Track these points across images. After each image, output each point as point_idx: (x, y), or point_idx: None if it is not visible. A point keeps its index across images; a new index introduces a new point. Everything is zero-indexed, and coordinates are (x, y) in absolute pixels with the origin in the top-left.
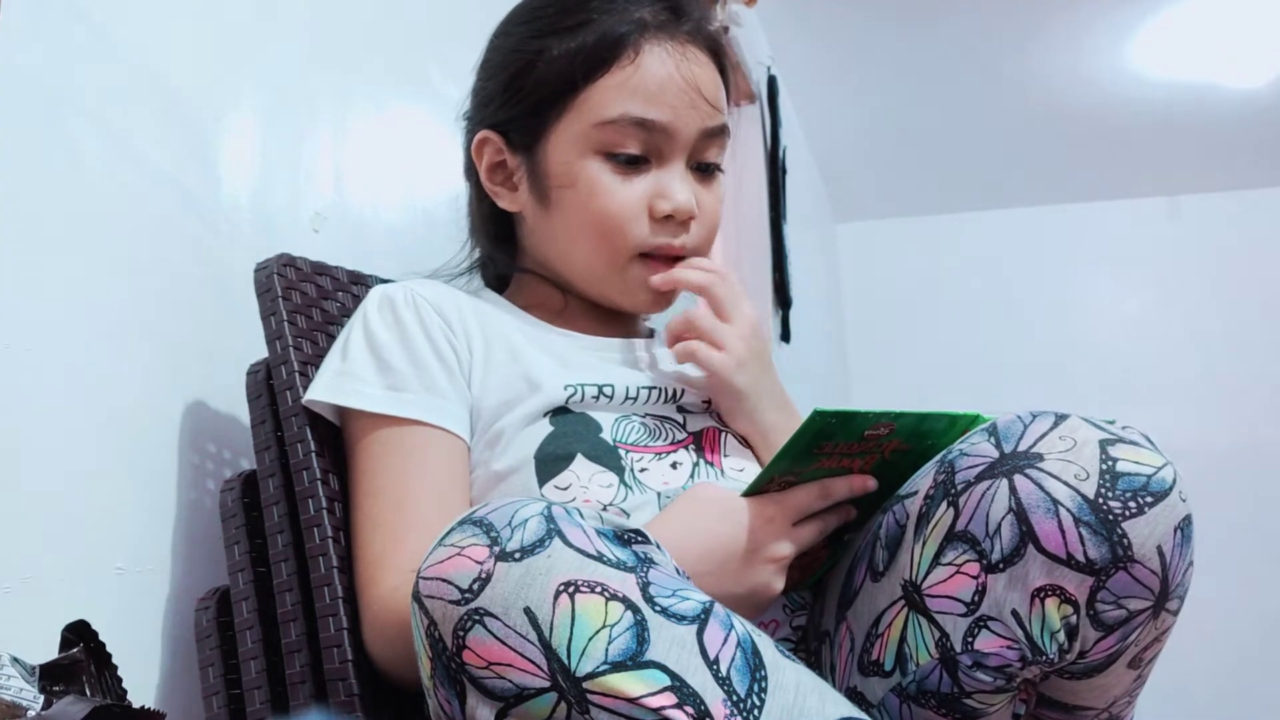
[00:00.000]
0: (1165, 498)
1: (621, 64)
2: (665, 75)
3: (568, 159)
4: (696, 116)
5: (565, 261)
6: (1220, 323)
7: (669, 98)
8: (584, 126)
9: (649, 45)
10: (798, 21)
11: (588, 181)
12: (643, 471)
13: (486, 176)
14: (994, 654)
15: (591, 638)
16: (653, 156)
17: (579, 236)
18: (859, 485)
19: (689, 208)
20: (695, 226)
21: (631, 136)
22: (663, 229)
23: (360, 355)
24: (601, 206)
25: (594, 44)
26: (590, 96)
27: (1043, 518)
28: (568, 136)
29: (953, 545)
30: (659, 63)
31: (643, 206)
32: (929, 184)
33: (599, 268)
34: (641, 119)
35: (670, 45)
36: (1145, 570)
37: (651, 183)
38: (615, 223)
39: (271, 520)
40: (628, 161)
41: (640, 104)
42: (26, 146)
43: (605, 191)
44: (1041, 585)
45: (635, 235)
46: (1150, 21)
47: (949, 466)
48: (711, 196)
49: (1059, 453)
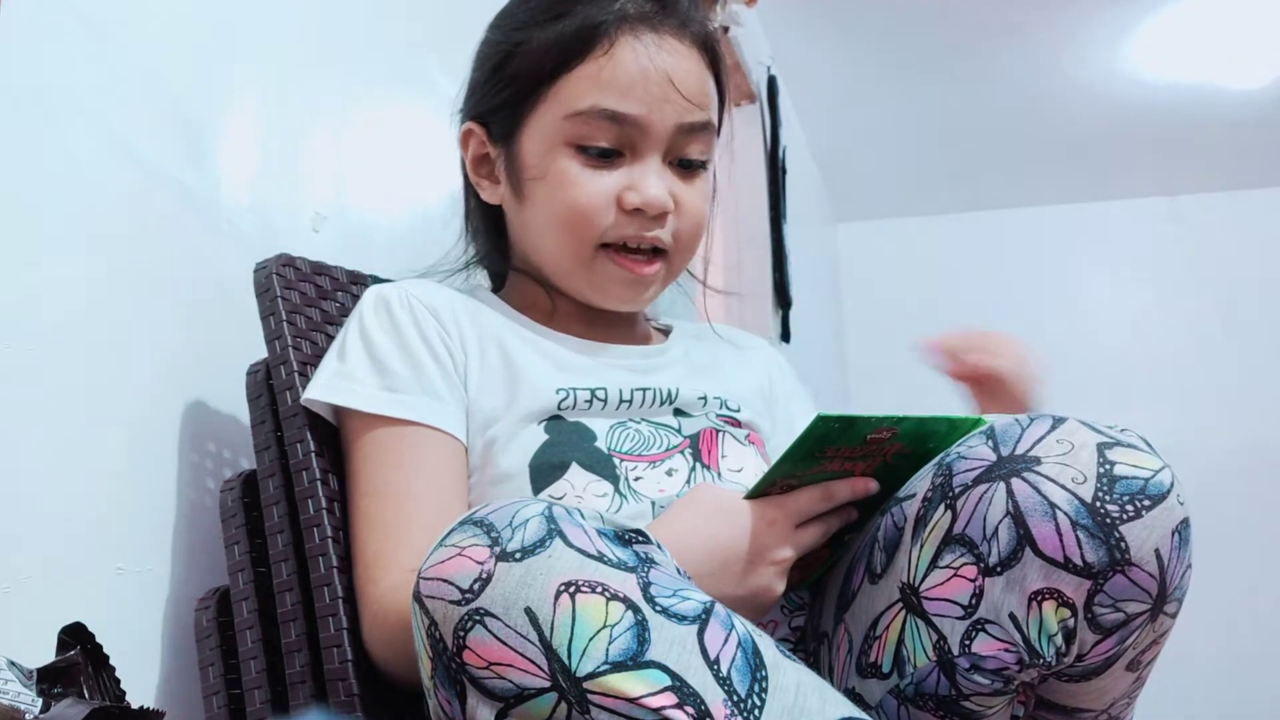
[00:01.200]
0: (1163, 501)
1: (595, 55)
2: (638, 68)
3: (539, 151)
4: (672, 111)
5: (539, 255)
6: (1220, 323)
7: (641, 90)
8: (555, 118)
9: (625, 37)
10: (798, 21)
11: (557, 174)
12: (637, 480)
13: (472, 168)
14: (991, 657)
15: (592, 638)
16: (626, 150)
17: (547, 229)
18: (861, 488)
19: (660, 202)
20: (674, 222)
21: (602, 129)
22: (631, 221)
23: (357, 356)
24: (569, 198)
25: (571, 34)
26: (563, 88)
27: (1040, 521)
28: (540, 128)
29: (950, 548)
30: (633, 55)
31: (611, 199)
32: (929, 184)
33: (566, 261)
34: (612, 111)
35: (649, 37)
36: (1143, 573)
37: (623, 176)
38: (582, 214)
39: (271, 520)
40: (599, 155)
41: (612, 96)
42: (26, 146)
43: (573, 183)
44: (1039, 589)
45: (600, 226)
46: (1150, 22)
47: (946, 469)
48: (694, 193)
49: (1056, 456)
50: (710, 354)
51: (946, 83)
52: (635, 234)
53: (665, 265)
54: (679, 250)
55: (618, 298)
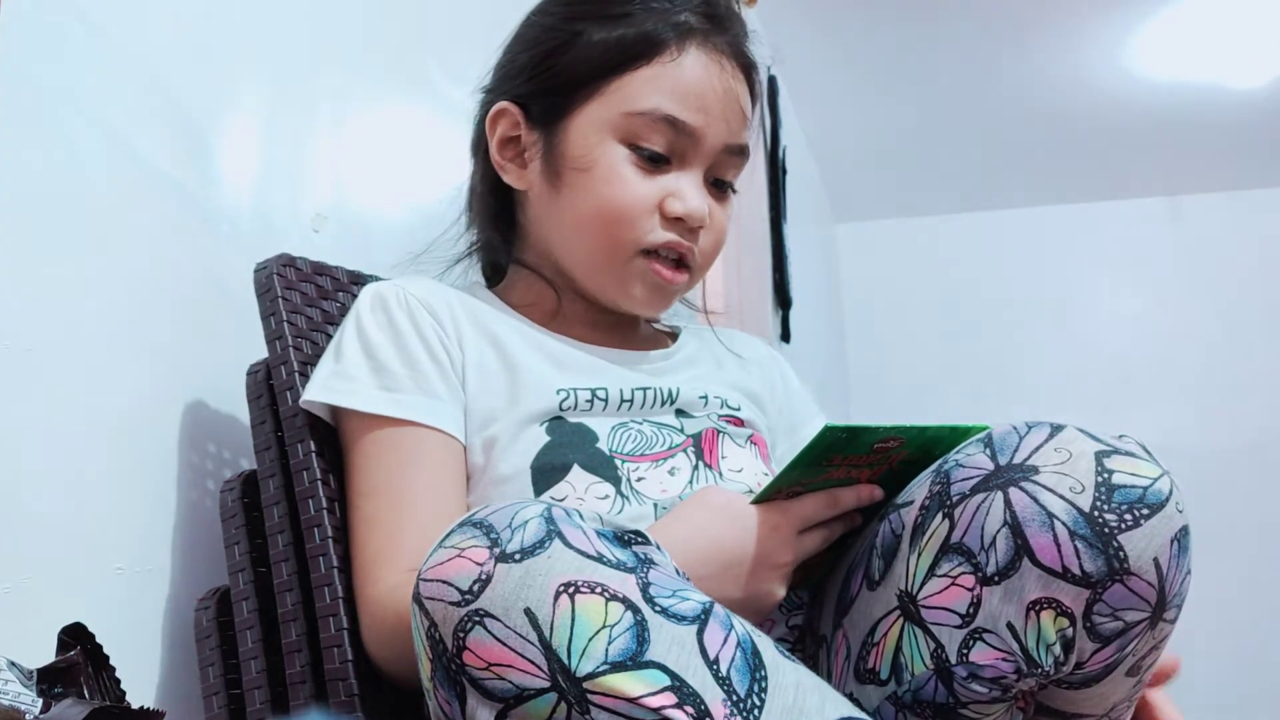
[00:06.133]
0: (1161, 509)
1: (663, 59)
2: (704, 80)
3: (590, 142)
4: (726, 129)
5: (566, 247)
6: (1220, 323)
7: (703, 102)
8: (613, 113)
9: (692, 48)
10: (798, 22)
11: (606, 168)
12: (639, 481)
13: (497, 149)
14: (989, 666)
15: (591, 638)
16: (675, 159)
17: (585, 222)
18: (866, 495)
19: (701, 214)
20: (703, 236)
21: (659, 132)
22: (670, 229)
23: (354, 355)
24: (615, 194)
25: (635, 36)
26: (626, 85)
27: (1038, 531)
28: (594, 120)
29: (948, 557)
30: (701, 67)
31: (653, 203)
32: (929, 184)
33: (600, 257)
34: (673, 117)
35: (713, 54)
36: (1142, 582)
37: (669, 183)
38: (626, 214)
39: (272, 520)
40: (650, 158)
41: (675, 102)
42: (26, 146)
43: (621, 181)
44: (1037, 598)
45: (641, 230)
46: (1150, 21)
47: (945, 477)
48: (722, 214)
49: (1054, 465)
50: (713, 357)
51: (946, 83)
52: (672, 241)
53: (689, 278)
54: (701, 265)
55: (643, 302)
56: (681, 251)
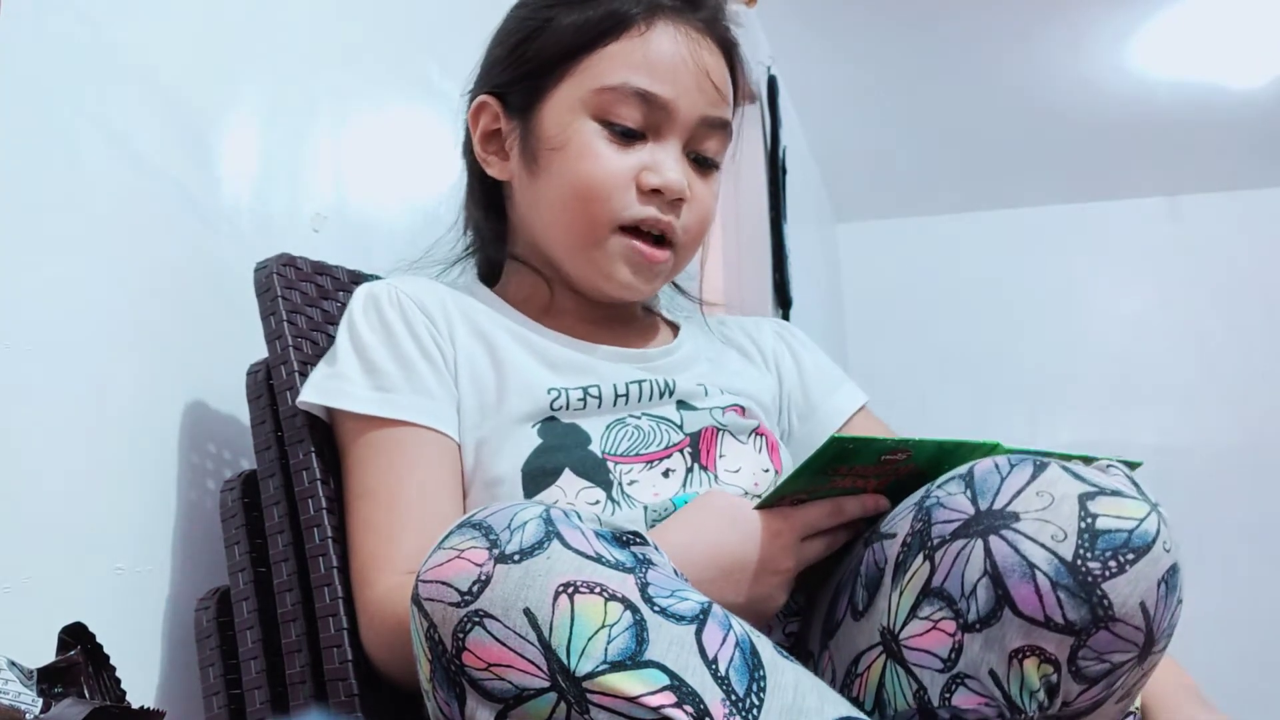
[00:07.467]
0: (1147, 553)
1: (630, 35)
2: (672, 52)
3: (563, 121)
4: (701, 100)
5: (547, 233)
6: (1220, 323)
7: (673, 74)
8: (584, 91)
9: (660, 23)
10: (798, 21)
11: (579, 145)
12: (632, 484)
13: (480, 143)
14: (971, 710)
15: (591, 638)
16: (650, 133)
17: (562, 202)
18: (872, 505)
19: (679, 186)
20: (686, 212)
21: (631, 107)
22: (648, 203)
23: (347, 356)
24: (588, 169)
25: (602, 15)
26: (595, 63)
27: (1019, 582)
28: (567, 100)
29: (929, 600)
30: (670, 40)
31: (629, 177)
32: (929, 184)
33: (578, 237)
34: (644, 90)
35: (683, 28)
36: (1128, 627)
37: (644, 156)
38: (600, 189)
39: (271, 520)
40: (623, 133)
41: (644, 75)
42: (26, 146)
43: (595, 156)
44: (1019, 646)
45: (618, 205)
46: (1150, 22)
47: (926, 515)
48: (706, 190)
49: (1035, 511)
50: (716, 351)
51: (947, 82)
52: (651, 216)
53: (673, 257)
54: (686, 244)
55: (623, 283)
56: (662, 228)
